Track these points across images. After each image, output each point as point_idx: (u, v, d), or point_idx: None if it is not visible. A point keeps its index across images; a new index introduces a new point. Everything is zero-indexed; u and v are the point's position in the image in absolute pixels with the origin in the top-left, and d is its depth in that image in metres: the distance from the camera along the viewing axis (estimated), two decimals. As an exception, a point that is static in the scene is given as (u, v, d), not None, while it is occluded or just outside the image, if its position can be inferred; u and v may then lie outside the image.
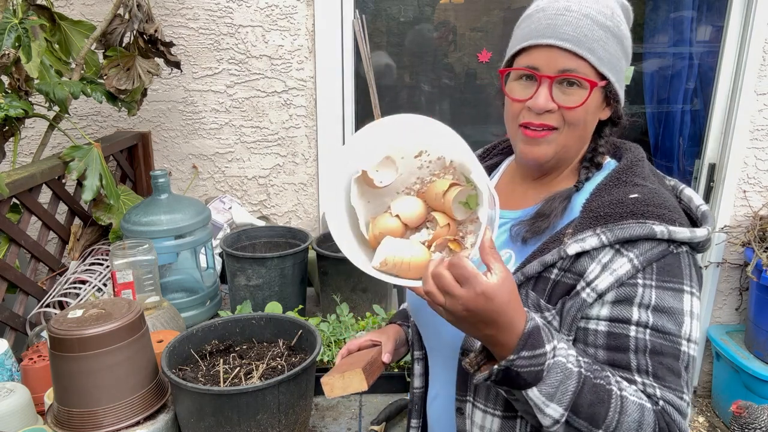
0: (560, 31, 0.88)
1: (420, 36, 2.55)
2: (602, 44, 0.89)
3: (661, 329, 0.82)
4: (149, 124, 2.39)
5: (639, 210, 0.85)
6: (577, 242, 0.85)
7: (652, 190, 0.88)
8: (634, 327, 0.83)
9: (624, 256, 0.83)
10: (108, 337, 1.12)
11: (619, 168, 0.94)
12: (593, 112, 0.93)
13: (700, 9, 2.61)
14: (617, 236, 0.83)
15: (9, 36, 1.61)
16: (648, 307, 0.82)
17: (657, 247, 0.83)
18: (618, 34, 0.91)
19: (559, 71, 0.89)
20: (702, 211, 0.94)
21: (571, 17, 0.88)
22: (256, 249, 1.94)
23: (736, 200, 2.63)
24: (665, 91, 2.77)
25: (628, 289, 0.83)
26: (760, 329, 2.54)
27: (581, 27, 0.88)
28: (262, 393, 1.13)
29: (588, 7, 0.89)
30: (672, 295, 0.83)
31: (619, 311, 0.83)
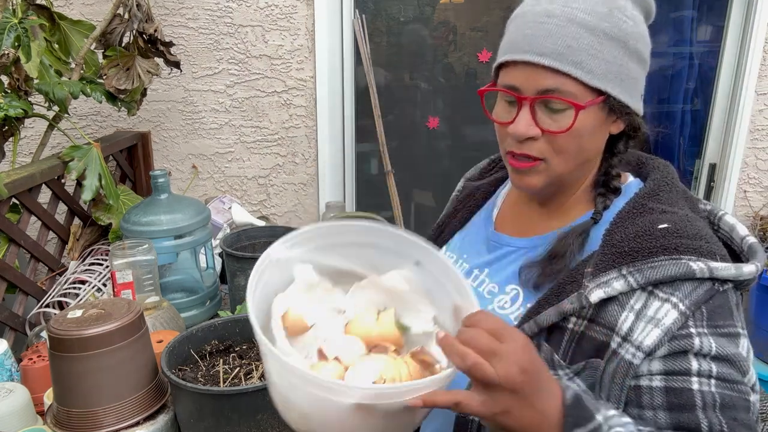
0: (538, 44, 0.74)
1: (420, 36, 2.55)
2: (593, 53, 0.73)
3: (727, 378, 0.68)
4: (149, 124, 2.39)
5: (671, 243, 0.71)
6: (600, 287, 0.72)
7: (683, 218, 0.75)
8: (696, 378, 0.68)
9: (663, 300, 0.70)
10: (108, 337, 1.11)
11: (644, 192, 0.80)
12: (591, 133, 0.78)
13: (700, 9, 2.61)
14: (648, 278, 0.70)
15: (8, 36, 1.61)
16: (707, 356, 0.68)
17: (701, 287, 0.70)
18: (618, 35, 0.75)
19: (539, 92, 0.75)
20: (749, 244, 0.78)
21: (553, 25, 0.74)
22: (256, 249, 1.93)
23: (737, 200, 2.63)
24: (665, 91, 2.77)
25: (682, 342, 0.69)
26: (760, 329, 2.54)
27: (564, 36, 0.73)
28: (262, 393, 1.13)
29: (575, 9, 0.74)
30: (729, 340, 0.70)
31: (675, 363, 0.69)
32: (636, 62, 0.78)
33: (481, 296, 0.88)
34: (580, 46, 0.73)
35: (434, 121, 2.57)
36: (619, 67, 0.75)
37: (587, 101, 0.75)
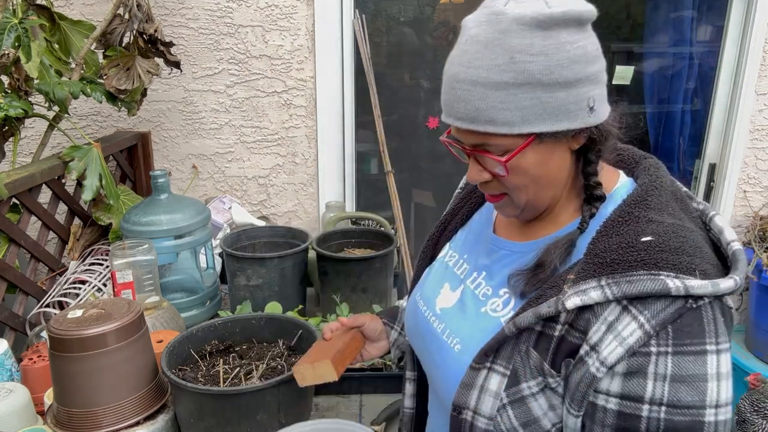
0: (455, 109, 0.78)
1: (420, 36, 2.55)
2: (503, 107, 0.74)
3: (677, 404, 0.70)
4: (149, 124, 2.39)
5: (651, 258, 0.72)
6: (577, 294, 0.74)
7: (669, 229, 0.75)
8: (647, 406, 0.71)
9: (633, 317, 0.71)
10: (108, 337, 1.11)
11: (631, 199, 0.79)
12: (540, 165, 0.79)
13: (700, 9, 2.61)
14: (624, 292, 0.71)
15: (9, 36, 1.61)
16: (664, 378, 0.70)
17: (672, 306, 0.70)
18: (527, 79, 0.73)
19: (472, 146, 0.80)
20: (734, 250, 0.77)
21: (461, 90, 0.76)
22: (256, 249, 1.94)
23: (736, 200, 2.63)
24: (665, 91, 2.77)
25: (640, 360, 0.71)
26: (760, 329, 2.54)
27: (472, 100, 0.75)
28: (262, 393, 1.13)
29: (477, 69, 0.74)
30: (692, 359, 0.71)
31: (631, 387, 0.72)
32: (562, 89, 0.75)
33: (476, 298, 0.91)
34: (488, 106, 0.75)
35: (434, 121, 2.57)
36: (540, 106, 0.75)
37: (517, 147, 0.77)
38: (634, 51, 2.70)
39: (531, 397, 0.78)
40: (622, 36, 2.68)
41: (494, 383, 0.80)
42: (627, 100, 2.82)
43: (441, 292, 0.98)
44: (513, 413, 0.79)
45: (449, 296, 0.96)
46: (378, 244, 1.95)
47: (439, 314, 0.95)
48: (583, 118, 0.77)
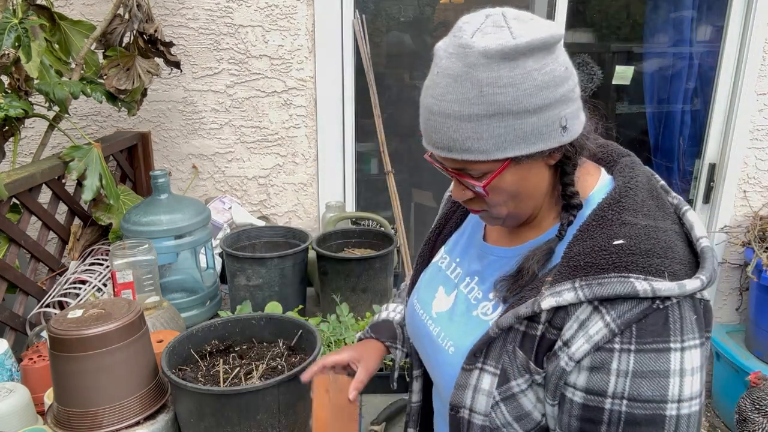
0: (433, 139, 0.82)
1: (420, 36, 2.55)
2: (477, 137, 0.77)
3: (638, 398, 0.75)
4: (149, 124, 2.39)
5: (622, 262, 0.76)
6: (553, 296, 0.78)
7: (640, 232, 0.78)
8: (609, 399, 0.76)
9: (601, 316, 0.76)
10: (108, 337, 1.11)
11: (606, 203, 0.83)
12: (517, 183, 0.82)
13: (700, 9, 2.61)
14: (595, 293, 0.75)
15: (9, 36, 1.61)
16: (626, 374, 0.75)
17: (638, 307, 0.74)
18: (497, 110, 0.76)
19: (453, 170, 0.84)
20: (702, 247, 0.80)
21: (436, 122, 0.80)
22: (256, 249, 1.94)
23: (736, 200, 2.63)
24: (665, 91, 2.77)
25: (604, 355, 0.76)
26: (760, 329, 2.54)
27: (446, 131, 0.79)
28: (262, 393, 1.13)
29: (449, 103, 0.78)
30: (654, 357, 0.75)
31: (595, 381, 0.77)
32: (532, 115, 0.77)
33: (468, 302, 0.95)
34: (462, 137, 0.78)
35: (434, 121, 2.57)
36: (513, 132, 0.77)
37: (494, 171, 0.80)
38: (634, 51, 2.71)
39: (521, 394, 0.83)
40: (622, 36, 2.69)
41: (486, 383, 0.84)
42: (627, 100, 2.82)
43: (436, 295, 1.01)
44: (506, 409, 0.83)
45: (444, 300, 0.99)
46: (378, 244, 1.95)
47: (434, 317, 0.98)
48: (556, 138, 0.79)
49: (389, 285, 1.87)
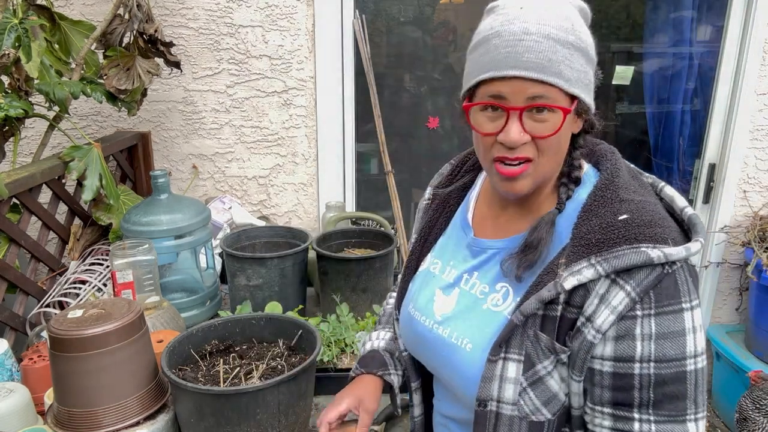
0: (523, 60, 0.80)
1: (420, 36, 2.55)
2: (569, 64, 0.81)
3: (664, 358, 0.80)
4: (149, 124, 2.39)
5: (631, 234, 0.81)
6: (573, 275, 0.82)
7: (639, 206, 0.84)
8: (638, 364, 0.81)
9: (620, 287, 0.80)
10: (108, 337, 1.12)
11: (602, 183, 0.89)
12: (567, 134, 0.88)
13: (700, 9, 2.61)
14: (614, 266, 0.80)
15: (9, 36, 1.61)
16: (650, 337, 0.80)
17: (653, 273, 0.80)
18: (581, 46, 0.83)
19: (528, 99, 0.82)
20: (689, 215, 0.87)
21: (532, 42, 0.80)
22: (256, 249, 1.94)
23: (736, 200, 2.63)
24: (665, 91, 2.77)
25: (628, 323, 0.80)
26: (760, 329, 2.54)
27: (544, 51, 0.80)
28: (262, 393, 1.13)
29: (547, 26, 0.81)
30: (672, 318, 0.80)
31: (622, 349, 0.81)
32: (591, 68, 0.87)
33: (475, 297, 0.95)
34: (558, 59, 0.81)
35: (434, 121, 2.57)
36: (585, 75, 0.85)
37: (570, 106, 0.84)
38: (634, 51, 2.70)
39: (548, 376, 0.86)
40: (622, 36, 2.68)
41: (512, 371, 0.86)
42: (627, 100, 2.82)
43: (435, 299, 1.01)
44: (534, 394, 0.86)
45: (446, 301, 0.99)
46: (378, 244, 1.95)
47: (441, 321, 0.98)
48: (592, 99, 0.88)
49: (389, 285, 1.87)
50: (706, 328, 2.81)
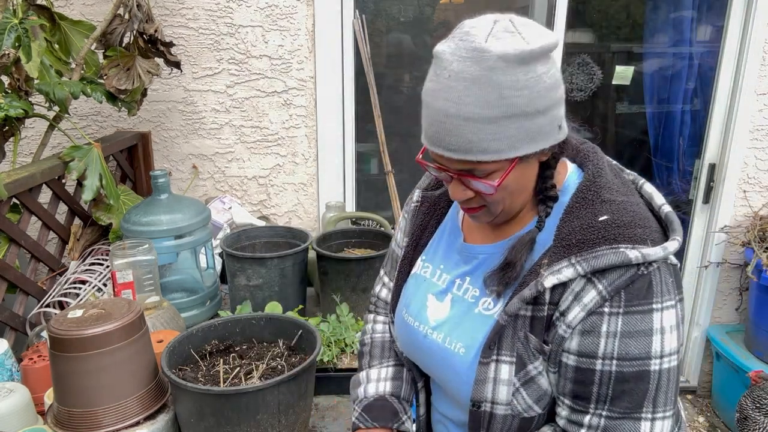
0: (446, 142, 0.82)
1: (420, 36, 2.55)
2: (495, 137, 0.80)
3: (626, 356, 0.81)
4: (149, 124, 2.39)
5: (610, 234, 0.83)
6: (553, 274, 0.84)
7: (620, 207, 0.86)
8: (600, 361, 0.83)
9: (593, 286, 0.82)
10: (108, 337, 1.12)
11: (583, 185, 0.90)
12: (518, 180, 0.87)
13: (700, 9, 2.61)
14: (592, 266, 0.81)
15: (9, 36, 1.61)
16: (615, 335, 0.82)
17: (627, 273, 0.81)
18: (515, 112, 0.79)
19: (459, 171, 0.85)
20: (665, 213, 0.89)
21: (452, 125, 0.80)
22: (256, 249, 1.94)
23: (736, 200, 2.63)
24: (665, 91, 2.77)
25: (594, 319, 0.82)
26: (760, 329, 2.54)
27: (464, 134, 0.80)
28: (262, 393, 1.13)
29: (468, 105, 0.79)
30: (640, 318, 0.82)
31: (586, 345, 0.83)
32: (540, 116, 0.82)
33: (467, 302, 0.97)
34: (480, 138, 0.80)
35: (434, 121, 2.57)
36: (525, 133, 0.81)
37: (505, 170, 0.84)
38: (634, 51, 2.70)
39: (539, 375, 0.88)
40: (622, 36, 2.68)
41: (505, 372, 0.88)
42: (627, 100, 2.82)
43: (428, 305, 1.02)
44: (526, 393, 0.89)
45: (439, 307, 1.01)
46: (378, 244, 1.95)
47: (435, 326, 0.99)
48: (554, 136, 0.86)
49: (389, 285, 1.87)
50: (706, 328, 2.81)
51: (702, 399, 2.94)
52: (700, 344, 2.86)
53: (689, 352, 2.90)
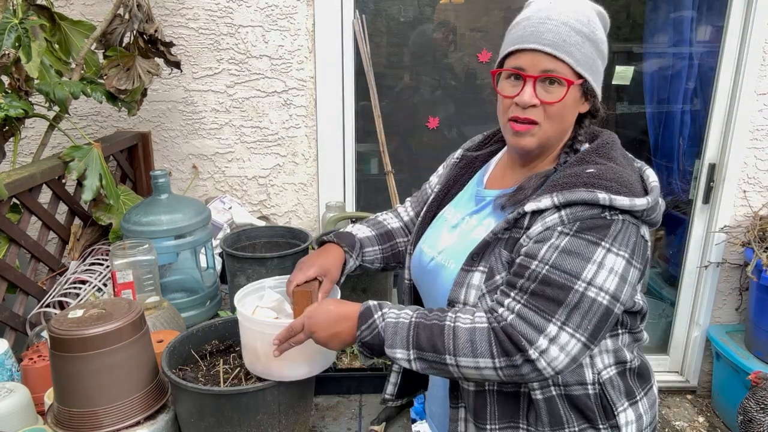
0: (542, 37, 1.01)
1: (420, 36, 2.55)
2: (578, 48, 1.02)
3: (558, 266, 0.94)
4: (149, 124, 2.39)
5: (591, 181, 0.98)
6: (534, 202, 1.00)
7: (609, 168, 1.01)
8: (536, 262, 0.96)
9: (558, 213, 0.98)
10: (108, 337, 1.11)
11: (587, 150, 1.08)
12: (571, 107, 1.06)
13: (700, 9, 2.61)
14: (567, 198, 0.97)
15: (9, 36, 1.61)
16: (557, 248, 0.96)
17: (589, 210, 0.96)
18: (593, 38, 1.03)
19: (542, 71, 1.02)
20: (651, 185, 1.03)
21: (552, 25, 1.01)
22: (256, 249, 1.93)
23: (736, 200, 2.63)
24: (665, 91, 2.77)
25: (547, 233, 0.98)
26: (760, 329, 2.54)
27: (560, 33, 1.01)
28: (263, 393, 1.13)
29: (566, 15, 1.02)
30: (584, 245, 0.95)
31: (532, 249, 0.98)
32: (601, 60, 1.07)
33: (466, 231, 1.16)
34: (571, 41, 1.01)
35: (434, 121, 2.57)
36: (592, 62, 1.05)
37: (575, 81, 1.03)
38: (634, 51, 2.70)
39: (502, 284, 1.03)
40: (622, 36, 2.68)
41: (476, 279, 1.05)
42: (627, 100, 2.82)
43: (441, 236, 1.20)
44: (489, 299, 1.03)
45: (447, 238, 1.19)
46: (378, 244, 1.94)
47: (441, 251, 1.17)
48: (598, 90, 1.08)
49: (389, 285, 1.87)
50: (706, 328, 2.82)
51: (702, 399, 2.94)
52: (700, 344, 2.86)
53: (689, 352, 2.91)
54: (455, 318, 0.99)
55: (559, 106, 1.03)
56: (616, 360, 1.10)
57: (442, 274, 1.14)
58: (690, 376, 2.93)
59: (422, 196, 1.41)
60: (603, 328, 0.95)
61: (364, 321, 1.03)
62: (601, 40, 1.05)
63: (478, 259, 1.06)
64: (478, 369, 0.96)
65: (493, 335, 0.95)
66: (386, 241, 1.38)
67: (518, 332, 0.93)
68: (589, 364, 1.06)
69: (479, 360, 0.95)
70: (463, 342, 0.96)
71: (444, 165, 1.39)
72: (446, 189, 1.29)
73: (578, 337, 0.93)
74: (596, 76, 1.06)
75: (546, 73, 1.02)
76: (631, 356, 1.12)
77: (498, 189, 1.16)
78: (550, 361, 0.92)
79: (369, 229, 1.40)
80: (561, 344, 0.92)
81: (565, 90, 1.02)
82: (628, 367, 1.12)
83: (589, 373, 1.06)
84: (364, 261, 1.35)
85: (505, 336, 0.94)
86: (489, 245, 1.05)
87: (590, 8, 1.06)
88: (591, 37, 1.03)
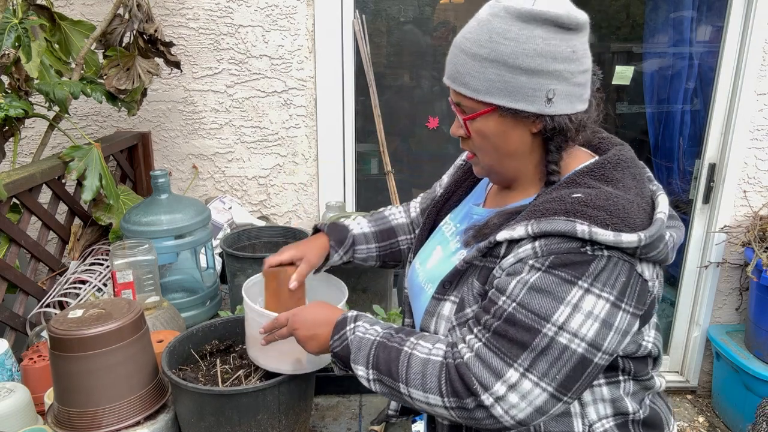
0: (447, 69, 0.95)
1: (420, 36, 2.55)
2: (475, 75, 0.89)
3: (524, 305, 0.84)
4: (149, 124, 2.39)
5: (574, 208, 0.84)
6: (507, 230, 0.89)
7: (602, 193, 0.86)
8: (504, 298, 0.86)
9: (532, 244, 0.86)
10: (108, 337, 1.12)
11: (579, 170, 0.93)
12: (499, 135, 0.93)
13: (700, 9, 2.61)
14: (542, 229, 0.84)
15: (9, 36, 1.61)
16: (525, 284, 0.84)
17: (565, 243, 0.83)
18: (496, 57, 0.87)
19: (454, 104, 0.96)
20: (656, 218, 0.86)
21: (452, 54, 0.94)
22: (256, 249, 1.93)
23: (736, 200, 2.63)
24: (665, 91, 2.77)
25: (518, 266, 0.87)
26: (760, 329, 2.54)
27: (456, 63, 0.92)
28: (263, 393, 1.13)
29: (464, 39, 0.91)
30: (557, 283, 0.82)
31: (502, 282, 0.88)
32: (524, 75, 0.87)
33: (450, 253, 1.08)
34: (464, 71, 0.91)
35: (434, 122, 2.57)
36: (502, 83, 0.88)
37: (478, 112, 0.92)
38: (634, 51, 2.70)
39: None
40: (622, 36, 2.68)
41: (447, 309, 0.97)
42: (627, 100, 2.82)
43: (433, 254, 1.13)
44: (459, 332, 0.95)
45: (436, 256, 1.11)
46: (378, 244, 1.94)
47: (427, 270, 1.11)
48: (538, 105, 0.89)
49: (389, 285, 1.87)
50: (706, 328, 2.82)
51: (702, 399, 2.94)
52: (700, 344, 2.86)
53: (689, 352, 2.91)
54: (414, 345, 0.92)
55: (478, 138, 0.95)
56: (614, 411, 0.96)
57: (421, 297, 1.07)
58: (690, 376, 2.93)
59: (431, 195, 1.35)
60: (580, 379, 0.83)
61: (337, 331, 0.99)
62: (512, 54, 0.86)
63: (450, 288, 0.97)
64: (429, 405, 0.89)
65: (445, 372, 0.87)
66: (385, 239, 1.35)
67: (472, 374, 0.84)
68: (579, 413, 0.95)
69: (428, 396, 0.88)
70: (414, 372, 0.89)
71: (452, 168, 1.31)
72: (448, 194, 1.22)
73: (543, 386, 0.82)
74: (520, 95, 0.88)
75: (455, 106, 0.96)
76: (635, 407, 0.97)
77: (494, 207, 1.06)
78: (507, 408, 0.83)
79: (369, 225, 1.37)
80: (522, 392, 0.82)
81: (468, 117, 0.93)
82: (632, 419, 0.97)
83: (579, 424, 0.94)
84: (356, 258, 1.33)
85: (457, 375, 0.86)
86: (461, 274, 0.96)
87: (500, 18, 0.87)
88: (492, 56, 0.87)
